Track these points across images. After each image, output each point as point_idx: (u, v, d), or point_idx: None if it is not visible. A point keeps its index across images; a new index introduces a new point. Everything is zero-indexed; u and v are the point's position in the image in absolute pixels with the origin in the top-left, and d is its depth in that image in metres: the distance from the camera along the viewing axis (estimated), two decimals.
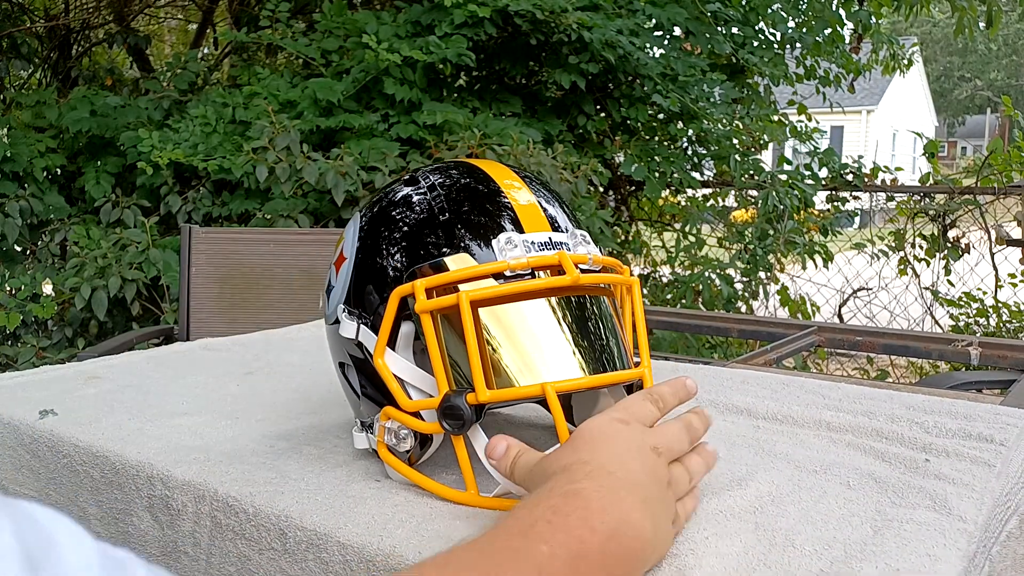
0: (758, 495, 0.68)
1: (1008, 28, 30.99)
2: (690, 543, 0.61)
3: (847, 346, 1.86)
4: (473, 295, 0.66)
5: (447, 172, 0.76)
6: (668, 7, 4.11)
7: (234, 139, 3.28)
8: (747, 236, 4.13)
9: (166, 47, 7.24)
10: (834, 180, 4.35)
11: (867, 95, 19.68)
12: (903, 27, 17.85)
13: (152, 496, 0.76)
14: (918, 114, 23.53)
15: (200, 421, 0.91)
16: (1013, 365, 1.69)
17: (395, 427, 0.71)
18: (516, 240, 0.69)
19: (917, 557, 0.58)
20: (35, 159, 3.37)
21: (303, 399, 1.00)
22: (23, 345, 3.11)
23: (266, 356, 1.23)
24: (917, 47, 9.81)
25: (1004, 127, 7.42)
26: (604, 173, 3.51)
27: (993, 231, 4.13)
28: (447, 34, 3.57)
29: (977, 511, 0.65)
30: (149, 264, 2.93)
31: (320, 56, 3.74)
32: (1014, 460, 0.77)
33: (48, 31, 5.11)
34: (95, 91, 3.86)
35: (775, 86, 4.85)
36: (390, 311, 0.69)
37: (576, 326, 0.70)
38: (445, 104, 3.54)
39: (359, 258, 0.74)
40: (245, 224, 3.17)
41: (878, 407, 0.90)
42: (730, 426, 0.88)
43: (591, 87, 3.92)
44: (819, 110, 5.10)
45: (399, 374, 0.70)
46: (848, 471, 0.73)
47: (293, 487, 0.72)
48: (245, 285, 2.23)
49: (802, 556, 0.59)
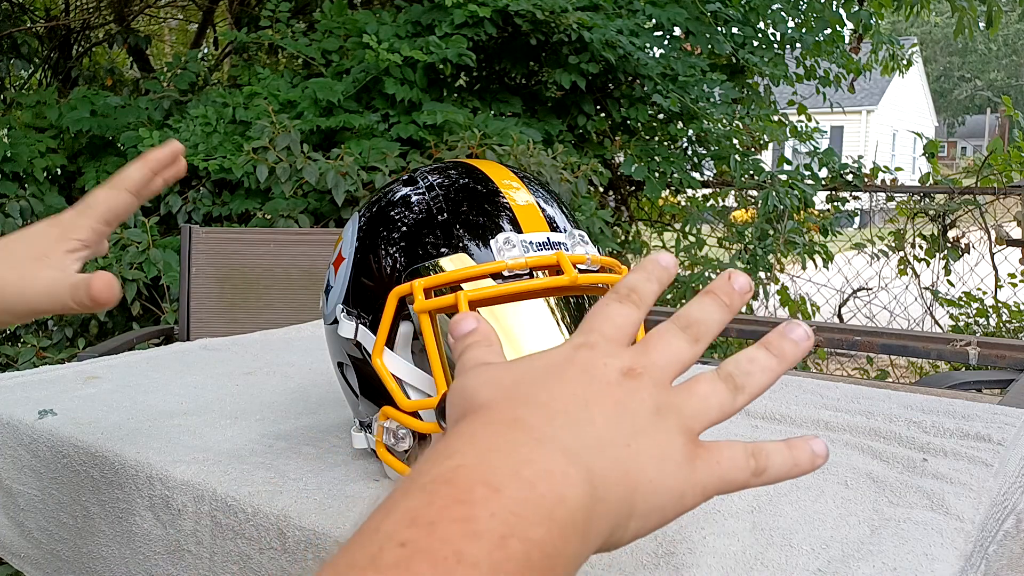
0: (756, 494, 0.69)
1: (1008, 28, 30.99)
2: (687, 542, 0.61)
3: (846, 346, 1.86)
4: (471, 295, 0.66)
5: (446, 172, 0.76)
6: (668, 7, 4.12)
7: (234, 139, 3.28)
8: (747, 236, 4.13)
9: (166, 47, 7.24)
10: (834, 180, 4.36)
11: (867, 95, 19.68)
12: (903, 27, 17.85)
13: (152, 496, 0.77)
14: (918, 114, 23.52)
15: (199, 421, 0.91)
16: (1012, 365, 1.70)
17: (393, 427, 0.71)
18: (514, 240, 0.69)
19: (914, 556, 0.58)
20: (35, 159, 3.37)
21: (302, 399, 1.00)
22: (23, 345, 3.11)
23: (265, 356, 1.23)
24: (917, 47, 9.82)
25: (1004, 127, 7.41)
26: (604, 173, 3.51)
27: (993, 231, 4.13)
28: (447, 34, 3.58)
29: (975, 511, 0.65)
30: (149, 264, 2.93)
31: (320, 56, 3.74)
32: (1012, 459, 0.77)
33: (48, 31, 5.12)
34: (95, 91, 3.86)
35: (775, 86, 4.85)
36: (388, 311, 0.69)
37: (574, 326, 0.70)
38: (445, 104, 3.54)
39: (358, 258, 0.74)
40: (245, 224, 3.17)
41: (876, 407, 0.90)
42: (728, 425, 0.88)
43: (591, 87, 3.92)
44: (819, 110, 5.10)
45: (397, 374, 0.70)
46: (846, 470, 0.73)
47: (292, 487, 0.72)
48: (245, 285, 2.23)
49: (799, 555, 0.59)
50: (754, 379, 0.42)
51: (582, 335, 0.43)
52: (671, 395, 0.41)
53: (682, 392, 0.41)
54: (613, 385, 0.40)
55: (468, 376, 0.44)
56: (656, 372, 0.41)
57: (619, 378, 0.41)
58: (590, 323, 0.44)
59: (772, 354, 0.42)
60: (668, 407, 0.40)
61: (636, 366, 0.41)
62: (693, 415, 0.41)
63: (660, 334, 0.43)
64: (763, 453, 0.42)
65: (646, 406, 0.40)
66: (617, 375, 0.41)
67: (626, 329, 0.44)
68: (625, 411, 0.39)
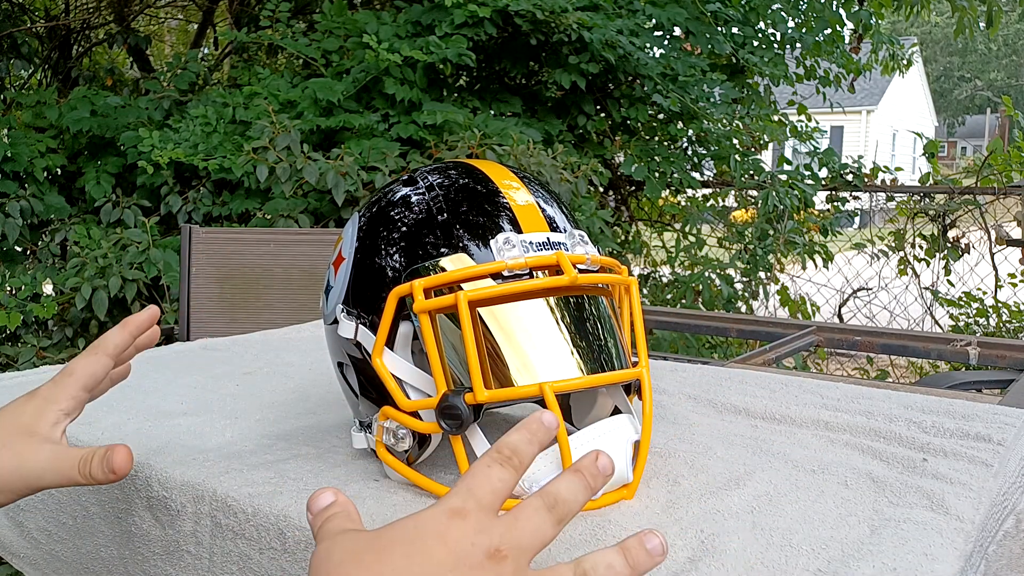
0: (755, 495, 0.69)
1: (1008, 28, 30.99)
2: (687, 543, 0.61)
3: (846, 346, 1.86)
4: (471, 295, 0.66)
5: (446, 172, 0.76)
6: (668, 7, 4.12)
7: (234, 139, 3.28)
8: (747, 236, 4.13)
9: (166, 47, 7.25)
10: (834, 180, 4.36)
11: (867, 95, 19.68)
12: (903, 27, 17.85)
13: (151, 496, 0.77)
14: (918, 114, 23.52)
15: (199, 421, 0.91)
16: (1012, 365, 1.70)
17: (393, 427, 0.71)
18: (514, 240, 0.69)
19: (914, 557, 0.58)
20: (35, 159, 3.37)
21: (302, 399, 1.00)
22: (23, 345, 3.11)
23: (265, 356, 1.23)
24: (917, 47, 9.81)
25: (1004, 127, 7.42)
26: (604, 173, 3.51)
27: (993, 231, 4.13)
28: (447, 34, 3.58)
29: (975, 511, 0.65)
30: (149, 264, 2.93)
31: (320, 56, 3.74)
32: (1012, 460, 0.77)
33: (48, 31, 5.12)
34: (95, 91, 3.85)
35: (775, 86, 4.85)
36: (388, 311, 0.69)
37: (574, 326, 0.70)
38: (445, 104, 3.54)
39: (357, 258, 0.74)
40: (245, 224, 3.17)
41: (876, 407, 0.90)
42: (728, 425, 0.88)
43: (591, 87, 3.92)
44: (819, 110, 5.11)
45: (397, 374, 0.70)
46: (846, 471, 0.73)
47: (291, 487, 0.72)
48: (245, 285, 2.23)
49: (799, 555, 0.59)
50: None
51: (459, 497, 0.45)
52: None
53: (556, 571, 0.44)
54: (476, 569, 0.42)
55: (330, 543, 0.45)
56: (520, 556, 0.44)
57: (483, 561, 0.43)
58: (468, 484, 0.46)
59: (628, 563, 0.45)
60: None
61: (503, 547, 0.43)
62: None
63: (529, 512, 0.45)
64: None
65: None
66: (482, 557, 0.43)
67: (501, 495, 0.46)
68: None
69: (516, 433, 0.48)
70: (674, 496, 0.69)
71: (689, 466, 0.75)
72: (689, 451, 0.78)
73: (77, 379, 0.66)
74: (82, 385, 0.66)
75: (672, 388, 1.01)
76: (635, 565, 0.45)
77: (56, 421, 0.65)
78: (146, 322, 0.69)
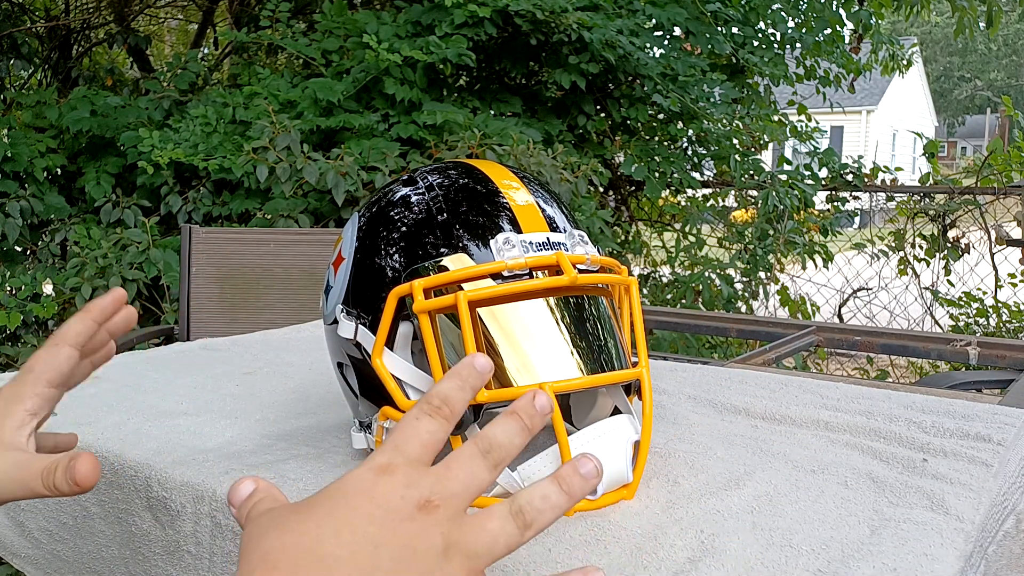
0: (755, 495, 0.69)
1: (1008, 28, 30.99)
2: (687, 543, 0.61)
3: (846, 346, 1.86)
4: (471, 295, 0.66)
5: (445, 172, 0.76)
6: (668, 7, 4.12)
7: (234, 139, 3.28)
8: (747, 236, 4.13)
9: (166, 47, 7.25)
10: (834, 180, 4.36)
11: (867, 95, 19.68)
12: (903, 27, 17.85)
13: (151, 497, 0.77)
14: (918, 114, 23.51)
15: (199, 421, 0.91)
16: (1012, 365, 1.70)
17: (393, 427, 0.71)
18: (514, 240, 0.69)
19: (914, 557, 0.58)
20: (35, 159, 3.37)
21: (302, 399, 1.00)
22: (23, 345, 3.11)
23: (265, 356, 1.23)
24: (917, 47, 9.82)
25: (1004, 127, 7.42)
26: (604, 173, 3.51)
27: (993, 231, 4.13)
28: (447, 34, 3.58)
29: (975, 511, 0.65)
30: (149, 264, 2.93)
31: (320, 56, 3.74)
32: (1012, 460, 0.77)
33: (48, 31, 5.12)
34: (95, 91, 3.85)
35: (775, 86, 4.85)
36: (388, 311, 0.69)
37: (574, 326, 0.70)
38: (445, 104, 3.54)
39: (357, 258, 0.74)
40: (245, 224, 3.17)
41: (876, 407, 0.90)
42: (728, 425, 0.88)
43: (591, 87, 3.92)
44: (819, 110, 5.10)
45: (397, 374, 0.70)
46: (846, 471, 0.73)
47: (291, 487, 0.72)
48: (245, 285, 2.23)
49: (799, 556, 0.59)
50: (544, 516, 0.43)
51: (386, 454, 0.44)
52: (462, 532, 0.42)
53: (474, 527, 0.43)
54: (406, 522, 0.41)
55: (255, 523, 0.44)
56: (452, 503, 0.43)
57: (413, 512, 0.42)
58: (395, 440, 0.44)
59: (563, 490, 0.44)
60: (456, 547, 0.42)
61: (434, 497, 0.42)
62: (479, 553, 0.42)
63: (462, 459, 0.44)
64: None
65: (436, 547, 0.41)
66: (412, 509, 0.42)
67: (431, 447, 0.44)
68: (414, 555, 0.41)
69: (447, 381, 0.46)
70: (674, 496, 0.69)
71: (689, 466, 0.75)
72: (689, 451, 0.78)
73: (39, 375, 0.60)
74: (46, 380, 0.60)
75: (672, 388, 1.01)
76: (570, 491, 0.44)
77: (21, 424, 0.58)
78: (110, 305, 0.63)
